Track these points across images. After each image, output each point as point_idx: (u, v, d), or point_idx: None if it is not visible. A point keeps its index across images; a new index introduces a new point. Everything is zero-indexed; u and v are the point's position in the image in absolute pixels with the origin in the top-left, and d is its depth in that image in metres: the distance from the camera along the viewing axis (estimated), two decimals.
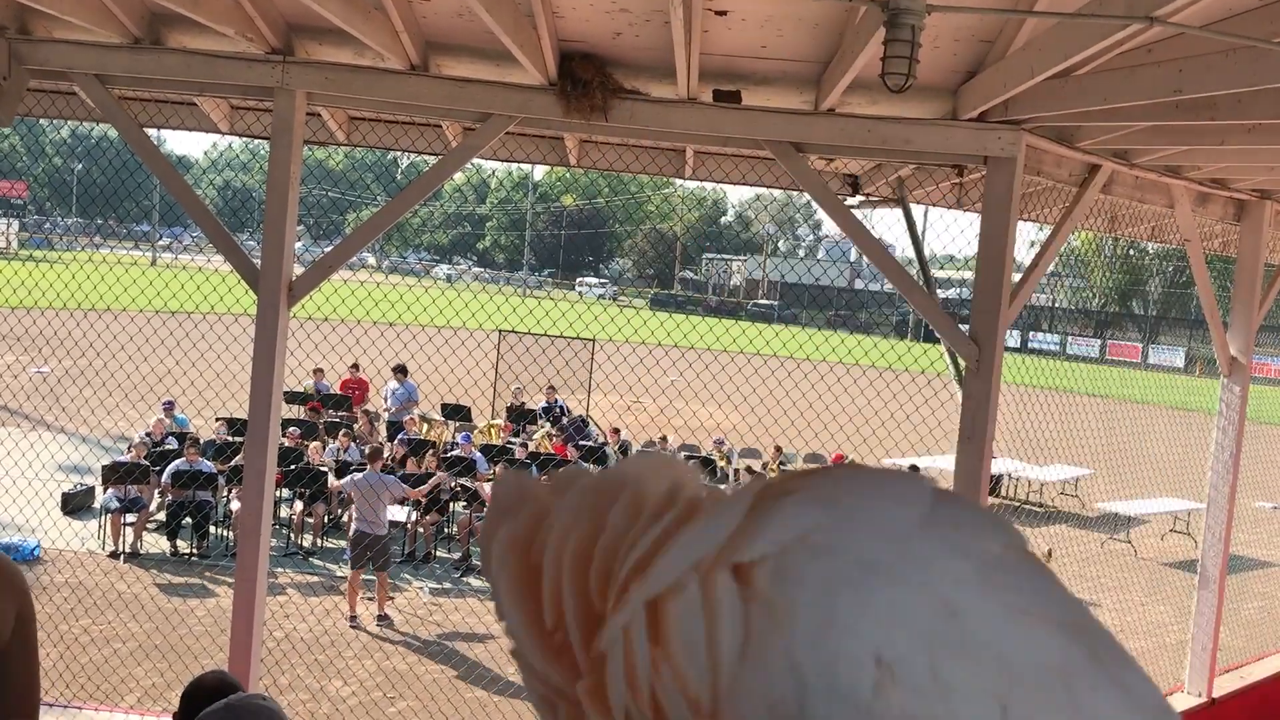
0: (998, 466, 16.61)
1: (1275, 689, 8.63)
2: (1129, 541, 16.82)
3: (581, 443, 16.89)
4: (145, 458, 13.13)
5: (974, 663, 0.58)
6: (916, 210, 6.96)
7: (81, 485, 13.97)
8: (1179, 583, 13.30)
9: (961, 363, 5.30)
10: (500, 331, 21.99)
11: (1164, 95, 4.27)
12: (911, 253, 6.75)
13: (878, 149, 5.24)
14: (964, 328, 5.29)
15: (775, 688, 0.59)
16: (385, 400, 18.08)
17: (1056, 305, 60.86)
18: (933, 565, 0.62)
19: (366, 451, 12.04)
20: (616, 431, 17.82)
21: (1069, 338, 57.42)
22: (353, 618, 10.77)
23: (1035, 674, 0.59)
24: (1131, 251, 55.27)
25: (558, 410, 18.73)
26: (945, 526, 0.65)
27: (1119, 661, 0.64)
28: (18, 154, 73.92)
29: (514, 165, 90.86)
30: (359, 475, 11.41)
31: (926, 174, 6.46)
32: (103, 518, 12.59)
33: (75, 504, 13.56)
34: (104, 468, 12.72)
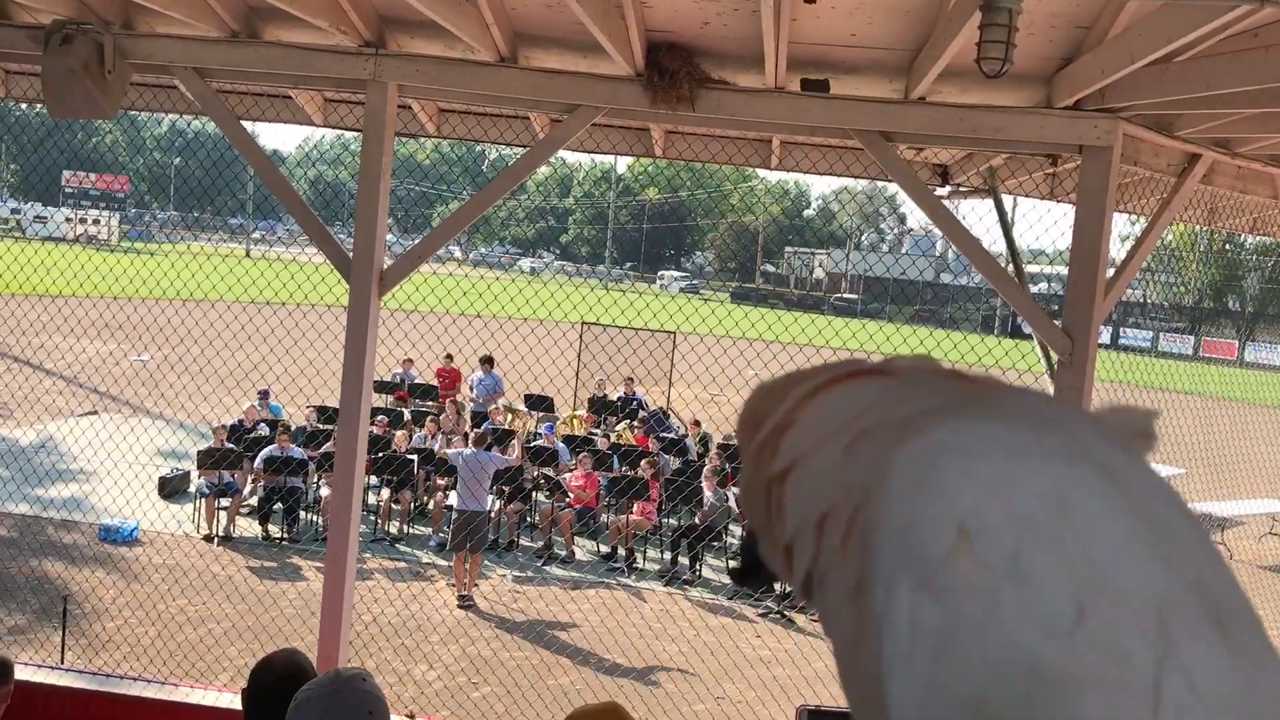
0: None
1: None
2: (1224, 544, 16.33)
3: (662, 434, 16.91)
4: (232, 441, 13.47)
5: (1062, 560, 0.55)
6: (1006, 201, 6.84)
7: (178, 470, 14.38)
8: (1277, 586, 12.89)
9: (1054, 356, 5.20)
10: (583, 323, 22.12)
11: (1271, 81, 4.13)
12: (1000, 245, 6.63)
13: (969, 138, 5.16)
14: (1056, 322, 5.19)
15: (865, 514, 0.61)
16: (471, 390, 18.32)
17: (1149, 300, 59.29)
18: (1064, 456, 0.59)
19: (474, 436, 12.31)
20: (697, 424, 17.80)
21: (1161, 334, 55.93)
22: (462, 597, 11.00)
23: (1129, 595, 0.55)
24: (1228, 246, 53.60)
25: (635, 403, 18.78)
26: (1102, 437, 0.63)
27: (1248, 631, 0.57)
28: (119, 148, 76.29)
29: (597, 159, 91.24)
30: (465, 451, 11.69)
31: (1019, 163, 6.35)
32: (198, 501, 12.96)
33: (172, 488, 13.97)
34: (199, 453, 13.08)
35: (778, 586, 12.28)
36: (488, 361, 17.73)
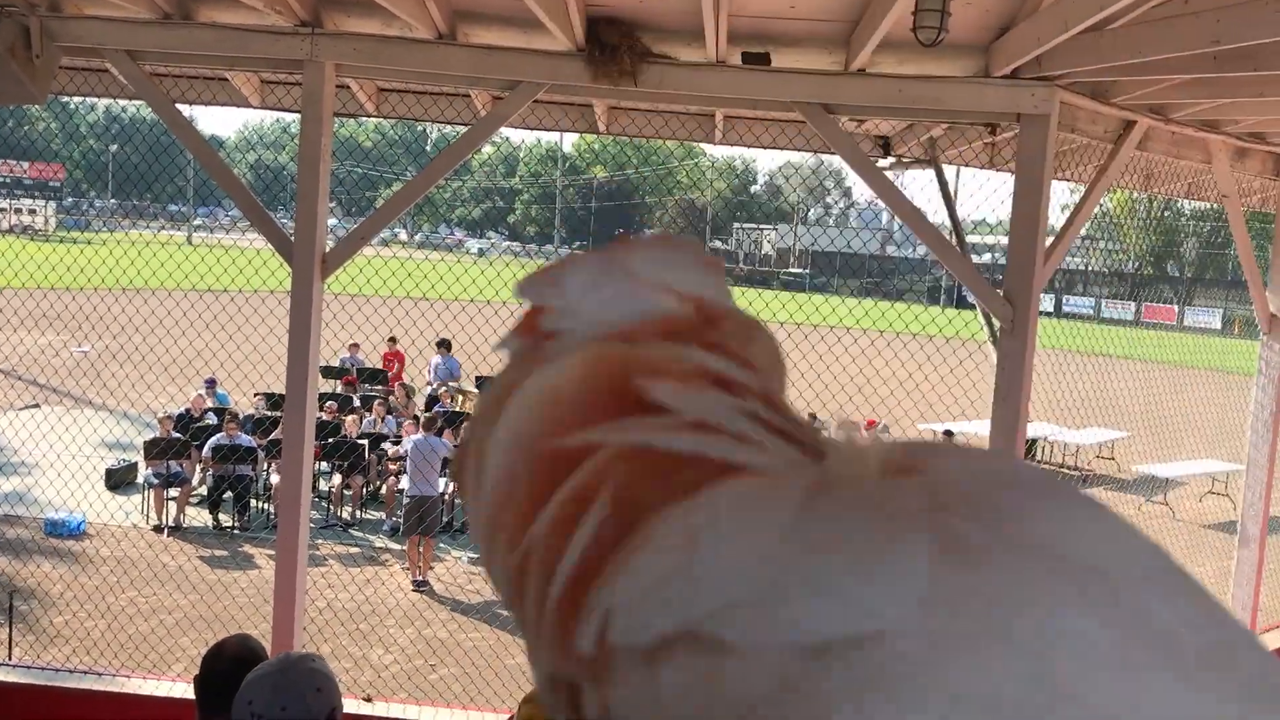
0: (1033, 431, 16.52)
1: None
2: (1166, 504, 16.70)
3: None
4: (179, 430, 13.30)
5: None
6: (948, 172, 6.91)
7: (124, 461, 14.17)
8: (1217, 544, 13.20)
9: (996, 323, 5.27)
10: None
11: (1201, 47, 4.21)
12: (943, 216, 6.70)
13: (909, 109, 5.20)
14: (998, 290, 5.26)
15: None
16: (430, 374, 18.21)
17: (1090, 269, 60.20)
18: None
19: (423, 420, 12.21)
20: None
21: (1103, 301, 56.84)
22: (417, 581, 10.97)
23: None
24: (1166, 212, 54.53)
25: None
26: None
27: None
28: (53, 136, 74.61)
29: (543, 138, 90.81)
30: (413, 439, 11.64)
31: (959, 133, 6.41)
32: (146, 492, 12.78)
33: (118, 479, 13.77)
34: (145, 443, 12.90)
35: None
36: (445, 345, 17.62)
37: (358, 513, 13.28)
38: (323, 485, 13.62)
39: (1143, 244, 55.92)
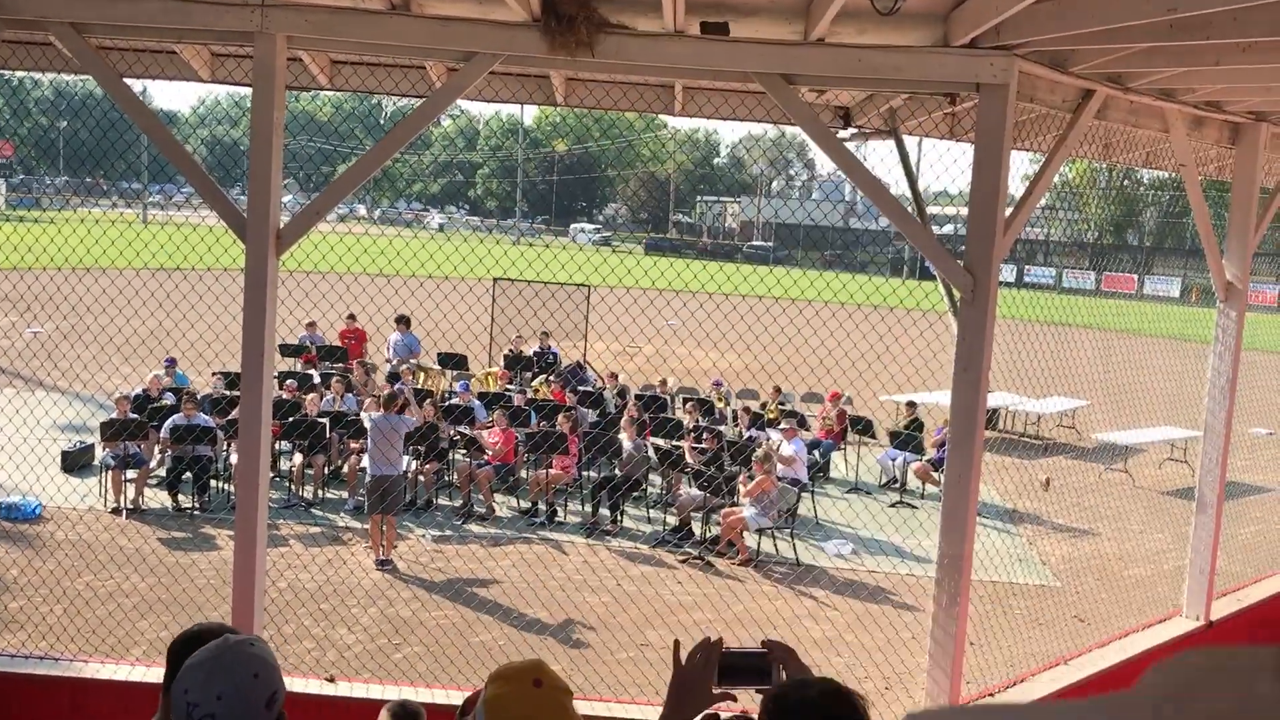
0: (994, 400, 16.64)
1: (1271, 610, 8.71)
2: (1126, 471, 16.91)
3: (579, 388, 16.89)
4: (136, 411, 13.11)
5: None
6: (909, 143, 6.90)
7: (80, 443, 13.97)
8: (1176, 510, 13.38)
9: (956, 294, 5.27)
10: (495, 280, 21.91)
11: (1158, 15, 4.20)
12: (904, 187, 6.69)
13: (868, 79, 5.16)
14: (959, 261, 5.26)
15: None
16: (388, 351, 18.07)
17: (1051, 239, 60.71)
18: None
19: (383, 397, 12.03)
20: (614, 376, 17.82)
21: (1064, 271, 57.38)
22: (380, 561, 10.89)
23: None
24: (1126, 182, 55.07)
25: (550, 356, 18.72)
26: None
27: None
28: (1, 113, 73.15)
29: (504, 110, 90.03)
30: (373, 417, 11.47)
31: (919, 104, 6.39)
32: (103, 474, 12.61)
33: (75, 462, 13.57)
34: (102, 424, 12.71)
35: (697, 531, 12.42)
36: (404, 321, 17.49)
37: (319, 492, 13.17)
38: (284, 465, 13.50)
39: (1103, 213, 56.51)
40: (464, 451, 13.53)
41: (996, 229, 5.08)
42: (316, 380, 15.80)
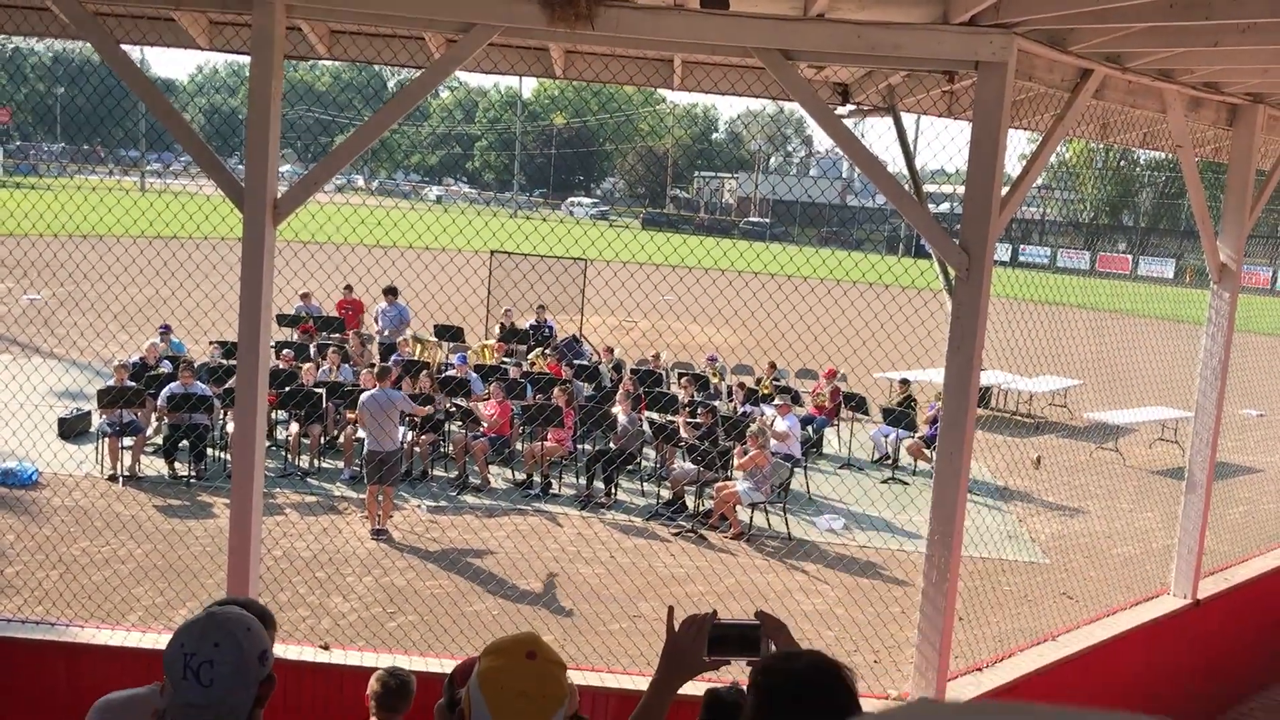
0: (987, 379, 16.69)
1: (1257, 590, 8.79)
2: (1117, 450, 16.99)
3: (575, 361, 16.92)
4: (133, 379, 13.12)
5: None
6: (907, 120, 6.90)
7: (77, 410, 13.98)
8: (1166, 490, 13.46)
9: (951, 272, 5.29)
10: (492, 252, 21.90)
11: None
12: (902, 165, 6.70)
13: (867, 55, 5.17)
14: (954, 239, 5.28)
15: None
16: (376, 321, 18.08)
17: (1047, 218, 60.69)
18: None
19: (376, 371, 12.03)
20: (610, 350, 17.84)
21: (1059, 251, 57.38)
22: (376, 531, 10.95)
23: None
24: (1122, 163, 54.96)
25: (546, 330, 18.74)
26: None
27: None
28: None
29: (503, 83, 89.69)
30: (368, 393, 11.45)
31: (917, 81, 6.39)
32: (100, 441, 12.64)
33: (71, 428, 13.59)
34: (99, 392, 12.72)
35: (690, 505, 12.49)
36: (391, 292, 17.49)
37: (315, 461, 13.21)
38: (280, 434, 13.54)
39: (1099, 194, 56.43)
40: (460, 423, 13.57)
41: (993, 208, 5.10)
42: (314, 351, 15.81)
